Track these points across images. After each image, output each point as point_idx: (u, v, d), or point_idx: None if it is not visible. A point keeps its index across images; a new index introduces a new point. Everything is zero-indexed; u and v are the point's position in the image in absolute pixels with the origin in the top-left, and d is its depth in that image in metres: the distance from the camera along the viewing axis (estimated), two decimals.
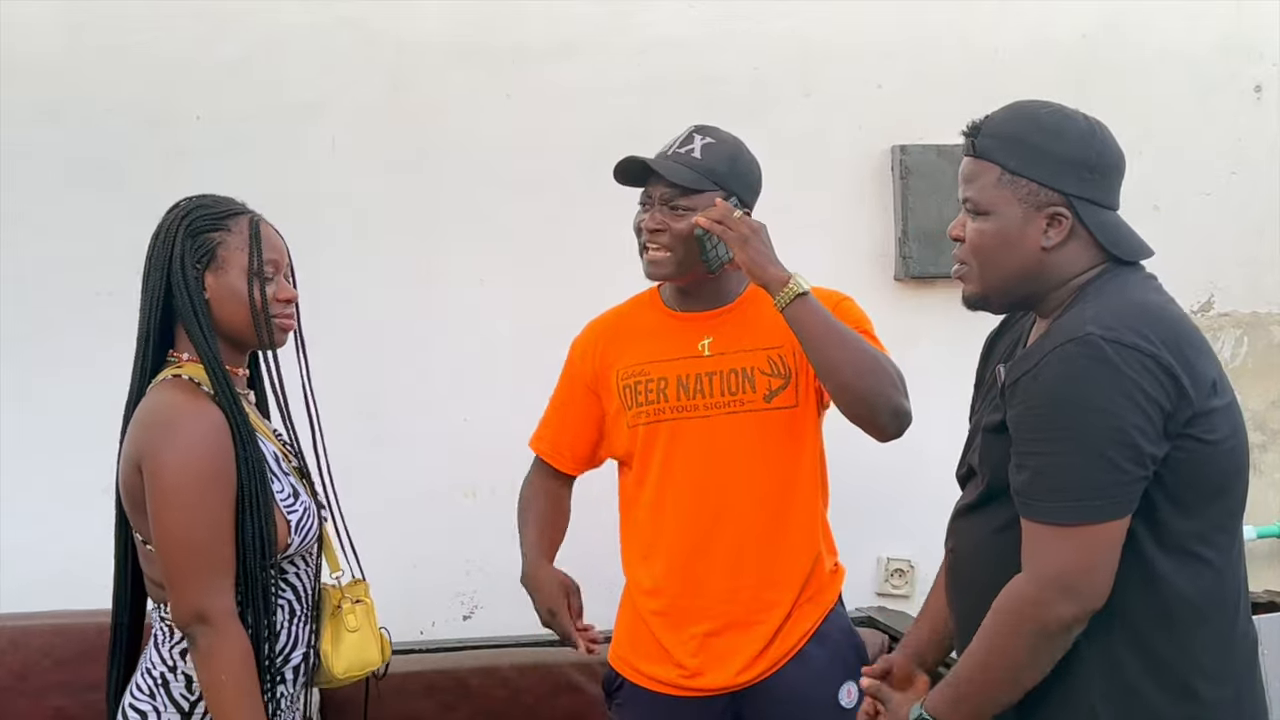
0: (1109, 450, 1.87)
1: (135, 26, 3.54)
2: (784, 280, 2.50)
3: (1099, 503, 1.89)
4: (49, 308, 3.49)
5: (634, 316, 2.80)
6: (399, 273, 3.63)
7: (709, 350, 2.67)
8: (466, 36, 3.68)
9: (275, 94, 3.59)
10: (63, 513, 3.41)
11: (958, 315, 3.86)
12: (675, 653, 2.66)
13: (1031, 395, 1.94)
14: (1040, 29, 3.90)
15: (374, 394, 3.55)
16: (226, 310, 2.28)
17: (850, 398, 2.54)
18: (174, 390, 2.22)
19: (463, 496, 3.60)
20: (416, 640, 3.43)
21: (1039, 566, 1.93)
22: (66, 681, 3.10)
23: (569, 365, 2.85)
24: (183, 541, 2.14)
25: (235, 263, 2.28)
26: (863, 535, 3.69)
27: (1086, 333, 1.90)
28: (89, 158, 3.51)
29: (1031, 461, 1.94)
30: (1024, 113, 2.12)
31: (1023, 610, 1.93)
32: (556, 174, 3.68)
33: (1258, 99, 3.99)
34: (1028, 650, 1.94)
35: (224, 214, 2.31)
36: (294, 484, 2.31)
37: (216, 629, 2.14)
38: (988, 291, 2.13)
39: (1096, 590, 1.91)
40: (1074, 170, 2.03)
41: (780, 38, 3.80)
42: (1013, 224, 2.05)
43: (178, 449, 2.15)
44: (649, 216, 2.64)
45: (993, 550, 2.07)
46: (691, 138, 2.67)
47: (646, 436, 2.67)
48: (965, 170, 2.14)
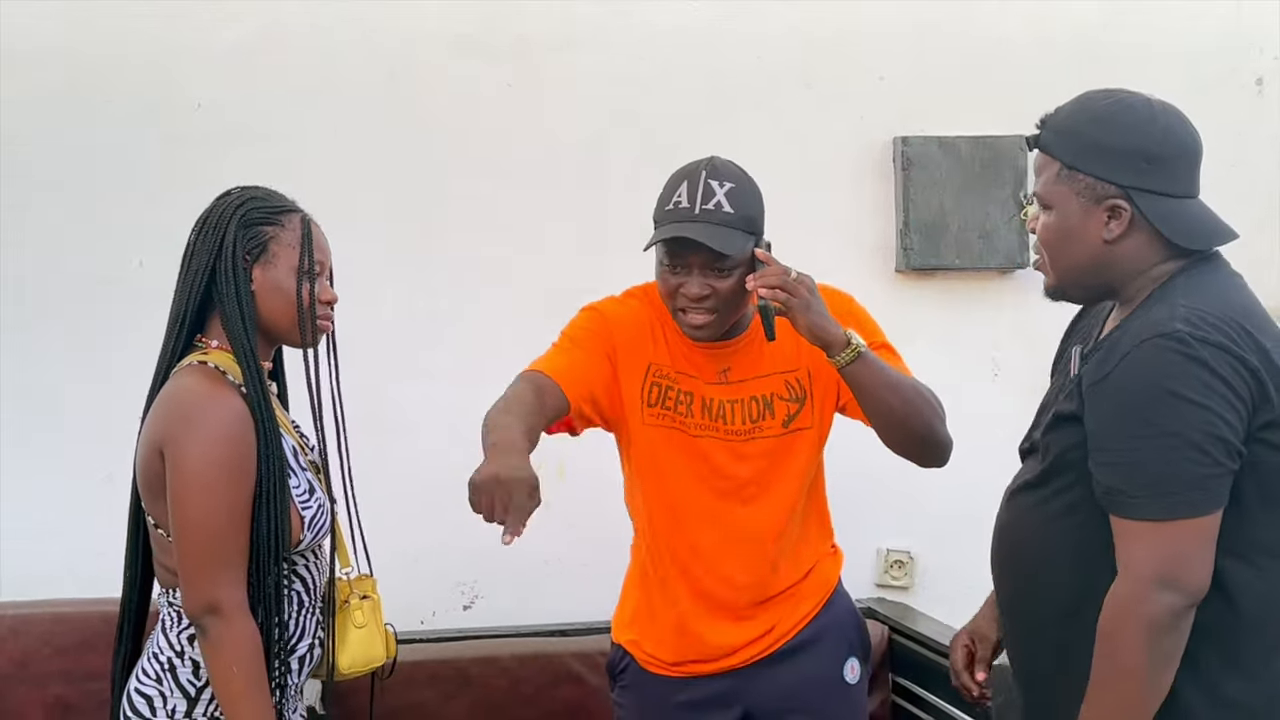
0: (1204, 443, 1.88)
1: (136, 13, 3.53)
2: (845, 341, 2.44)
3: (1196, 496, 1.90)
4: (48, 297, 3.48)
5: (658, 318, 2.66)
6: (400, 263, 3.63)
7: (728, 379, 2.64)
8: (467, 26, 3.67)
9: (276, 83, 3.59)
10: (62, 502, 3.41)
11: (958, 307, 3.89)
12: (683, 634, 2.67)
13: (1119, 390, 1.95)
14: (1041, 21, 3.89)
15: (373, 383, 3.54)
16: (269, 304, 2.29)
17: (903, 439, 2.57)
18: (199, 377, 2.23)
19: (463, 487, 3.57)
20: (417, 630, 3.42)
21: (1136, 565, 1.92)
22: (67, 670, 3.10)
23: (595, 324, 2.65)
24: (200, 530, 2.15)
25: (285, 259, 2.29)
26: (863, 527, 3.69)
27: (1175, 330, 1.91)
28: (89, 146, 3.51)
29: (1124, 458, 1.94)
30: (1084, 104, 2.11)
31: (1127, 612, 1.92)
32: (557, 164, 3.68)
33: (1259, 92, 3.99)
34: (1146, 652, 1.91)
35: (278, 209, 2.32)
36: (310, 479, 2.33)
37: (227, 620, 2.14)
38: (1061, 283, 2.14)
39: (1197, 580, 1.91)
40: (1130, 161, 2.02)
41: (782, 29, 3.79)
42: (1074, 218, 2.06)
43: (201, 437, 2.16)
44: (690, 283, 2.51)
45: (1044, 529, 2.10)
46: (710, 187, 2.50)
47: (659, 440, 2.64)
48: (1035, 164, 2.16)
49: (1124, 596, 1.92)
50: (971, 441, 3.73)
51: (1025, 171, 3.78)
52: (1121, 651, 1.92)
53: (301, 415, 2.44)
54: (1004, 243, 3.79)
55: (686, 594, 2.67)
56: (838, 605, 2.76)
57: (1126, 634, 1.91)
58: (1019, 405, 3.67)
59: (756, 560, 2.65)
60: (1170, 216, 2.03)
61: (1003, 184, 3.78)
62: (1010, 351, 3.82)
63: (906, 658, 3.41)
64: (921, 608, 3.66)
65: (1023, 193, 3.77)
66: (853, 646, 2.77)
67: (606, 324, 2.65)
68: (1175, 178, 2.05)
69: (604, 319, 2.66)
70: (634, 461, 2.70)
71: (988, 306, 3.84)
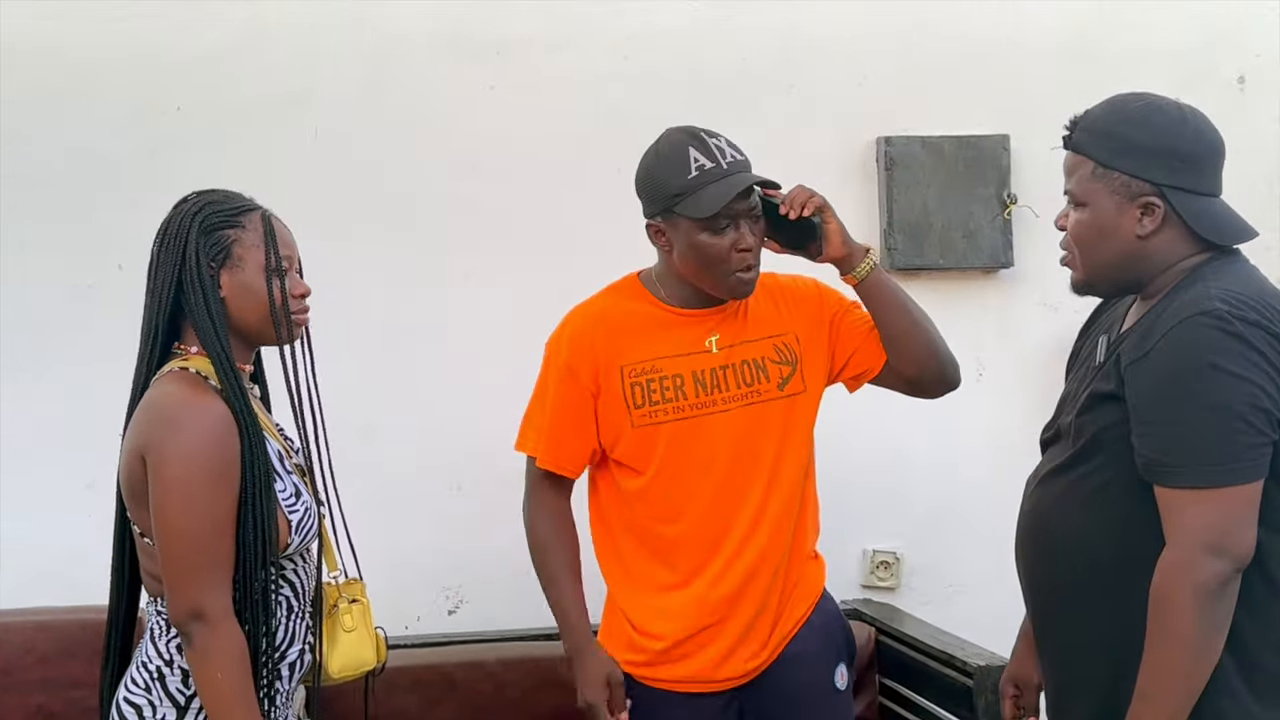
0: (1248, 414, 1.96)
1: (116, 15, 3.51)
2: (865, 249, 2.62)
3: (1240, 465, 1.97)
4: (32, 302, 3.46)
5: (626, 310, 2.70)
6: (383, 266, 3.61)
7: (716, 346, 2.65)
8: (450, 27, 3.66)
9: (258, 85, 3.57)
10: (47, 510, 3.39)
11: (942, 307, 3.88)
12: (696, 648, 2.65)
13: (1162, 365, 2.02)
14: (1024, 21, 3.89)
15: (358, 387, 3.53)
16: (241, 307, 2.27)
17: (929, 354, 2.66)
18: (180, 383, 2.21)
19: (448, 491, 3.58)
20: (402, 635, 3.41)
21: (1184, 533, 1.99)
22: (49, 678, 3.08)
23: (559, 364, 2.67)
24: (184, 536, 2.13)
25: (251, 260, 2.27)
26: (849, 528, 3.69)
27: (1214, 308, 1.99)
28: (68, 148, 3.49)
29: (1166, 430, 2.01)
30: (1116, 106, 2.20)
31: (1177, 579, 1.98)
32: (541, 166, 3.66)
33: (1240, 90, 3.99)
34: (1196, 617, 1.97)
35: (237, 210, 2.29)
36: (296, 483, 2.30)
37: (212, 627, 2.12)
38: (1091, 278, 2.23)
39: (1244, 547, 1.98)
40: (1163, 160, 2.12)
41: (765, 30, 3.79)
42: (1108, 214, 2.15)
43: (183, 442, 2.14)
44: (740, 236, 2.54)
45: (1080, 508, 2.16)
46: (718, 144, 2.56)
47: (663, 436, 2.62)
48: (1066, 164, 2.23)
49: (1174, 564, 1.99)
50: (957, 441, 3.76)
51: (1009, 171, 3.79)
52: (1173, 618, 1.98)
53: (286, 419, 2.42)
54: (988, 242, 3.79)
55: (692, 609, 2.64)
56: (825, 610, 2.76)
57: (1178, 600, 1.97)
58: (1003, 405, 3.71)
59: (771, 553, 2.64)
60: (1201, 213, 2.13)
61: (986, 183, 3.79)
62: (994, 351, 3.82)
63: (893, 659, 3.41)
64: (908, 609, 3.66)
65: (1006, 192, 3.77)
66: (841, 653, 2.77)
67: (569, 369, 2.66)
68: (1204, 176, 2.16)
69: (565, 364, 2.66)
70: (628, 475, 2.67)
71: (972, 306, 3.84)
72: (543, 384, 2.72)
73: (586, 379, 2.64)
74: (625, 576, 2.72)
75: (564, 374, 2.66)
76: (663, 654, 2.66)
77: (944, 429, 3.69)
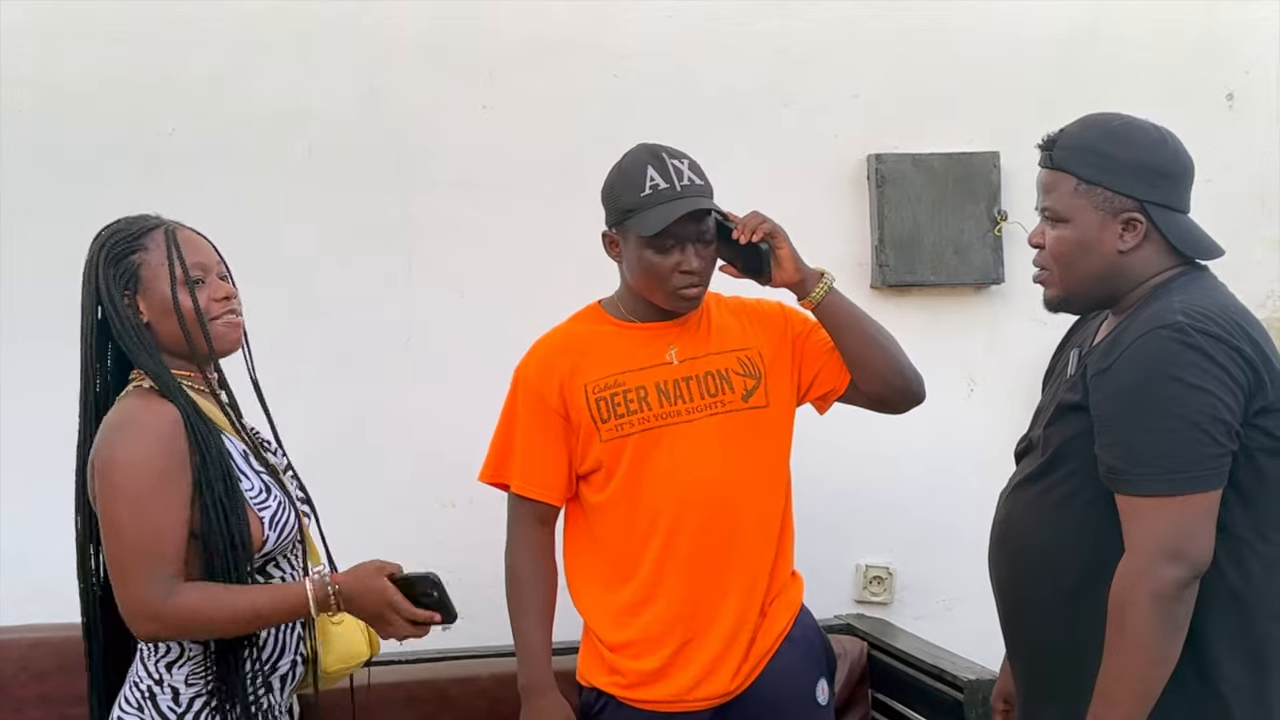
0: (1205, 424, 1.99)
1: (110, 37, 3.53)
2: (819, 274, 2.65)
3: (1199, 473, 2.00)
4: (21, 318, 3.47)
5: (585, 331, 2.76)
6: (376, 283, 3.63)
7: (677, 359, 2.68)
8: (443, 47, 3.68)
9: (251, 104, 3.58)
10: (41, 524, 3.38)
11: (933, 324, 3.91)
12: (671, 667, 2.65)
13: (1124, 376, 2.06)
14: (1015, 38, 3.92)
15: (352, 404, 3.54)
16: (164, 327, 2.26)
17: (889, 372, 2.68)
18: (133, 397, 2.23)
19: (441, 507, 3.59)
20: (396, 651, 3.40)
21: (1143, 539, 2.02)
22: (45, 695, 3.08)
23: (526, 391, 2.73)
24: (129, 535, 2.11)
25: (160, 279, 2.26)
26: (841, 543, 3.71)
27: (1176, 321, 2.03)
28: (62, 170, 3.50)
29: (1126, 438, 2.05)
30: (1096, 124, 2.23)
31: (1135, 584, 2.01)
32: (534, 183, 3.68)
33: (1229, 106, 4.02)
34: (1154, 622, 2.00)
35: (138, 233, 2.29)
36: (266, 480, 2.28)
37: (171, 607, 2.10)
38: (1068, 294, 2.25)
39: (1200, 554, 2.01)
40: (1145, 177, 2.16)
41: (757, 47, 3.81)
42: (1090, 230, 2.18)
43: (126, 444, 2.15)
44: (686, 258, 2.61)
45: (1048, 516, 2.20)
46: (676, 166, 2.62)
47: (629, 447, 2.65)
48: (1043, 181, 2.25)
49: (1132, 570, 2.02)
50: (948, 456, 3.77)
51: (999, 187, 3.80)
52: (1131, 622, 2.01)
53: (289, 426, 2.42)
54: (979, 258, 3.80)
55: (661, 624, 2.65)
56: (804, 625, 2.77)
57: (1136, 605, 2.01)
58: (995, 420, 3.72)
59: (734, 565, 2.64)
60: (1180, 229, 2.18)
61: (977, 200, 3.80)
62: (985, 367, 3.84)
63: (886, 674, 3.41)
64: (901, 623, 3.67)
65: (996, 208, 3.79)
66: (821, 668, 2.78)
67: (537, 395, 2.71)
68: (1181, 194, 2.20)
69: (531, 391, 2.72)
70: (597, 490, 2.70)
71: (963, 322, 3.85)
72: (509, 412, 2.76)
73: (554, 400, 2.69)
74: (594, 598, 2.74)
75: (530, 398, 2.71)
76: (641, 674, 2.66)
77: (936, 443, 3.70)
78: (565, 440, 2.70)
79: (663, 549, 2.65)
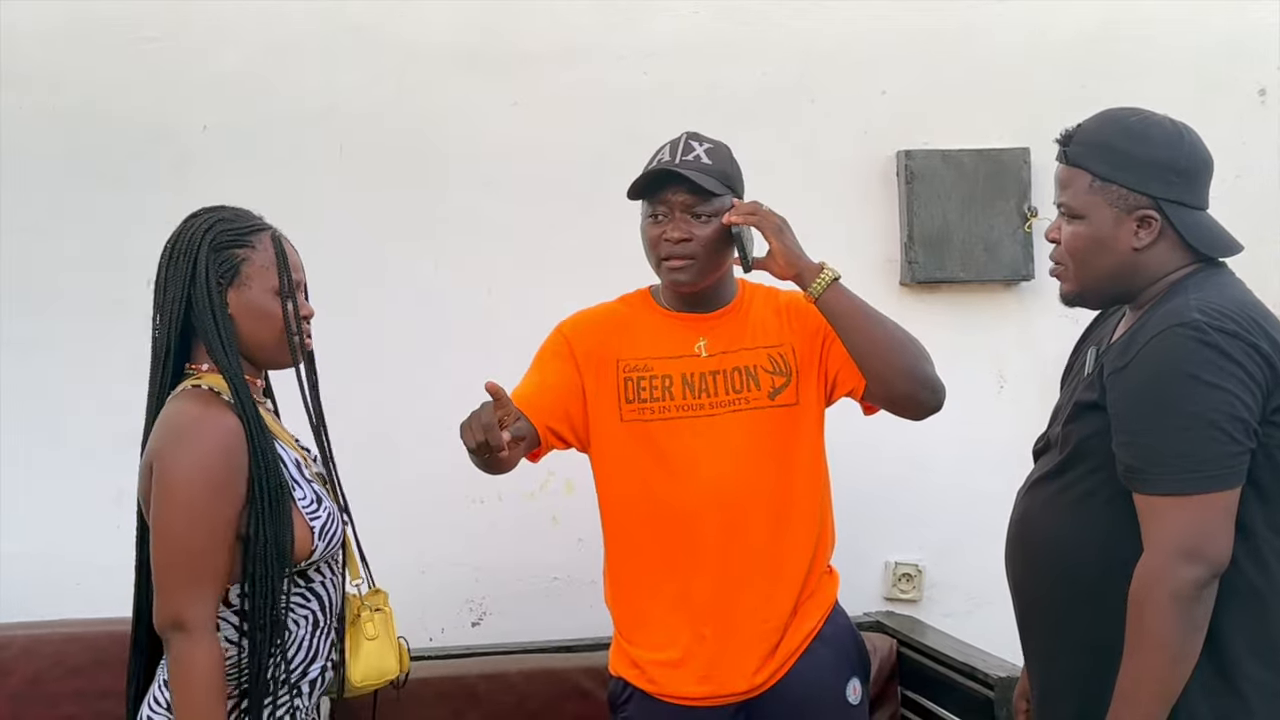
0: (1223, 422, 1.98)
1: (141, 36, 3.56)
2: (818, 267, 2.59)
3: (1216, 472, 1.99)
4: (57, 315, 3.50)
5: (629, 312, 2.79)
6: (406, 280, 3.65)
7: (705, 351, 2.69)
8: (472, 44, 3.69)
9: (282, 102, 3.61)
10: (72, 521, 3.43)
11: (963, 321, 3.89)
12: (689, 660, 2.65)
13: (1141, 375, 2.05)
14: (1043, 33, 3.90)
15: (382, 401, 3.56)
16: (249, 327, 2.27)
17: (893, 375, 2.60)
18: (192, 399, 2.22)
19: (471, 503, 3.60)
20: (426, 647, 3.43)
21: (1160, 538, 2.02)
22: (79, 689, 3.11)
23: (556, 335, 2.78)
24: (178, 544, 2.12)
25: (259, 280, 2.27)
26: (871, 540, 3.70)
27: (1193, 319, 2.02)
28: (96, 167, 3.53)
29: (1144, 438, 2.04)
30: (1112, 120, 2.22)
31: (1154, 584, 2.01)
32: (563, 181, 3.69)
33: (1262, 102, 3.99)
34: (1173, 622, 2.00)
35: (247, 230, 2.29)
36: (317, 490, 2.30)
37: (192, 640, 2.11)
38: (1083, 290, 2.25)
39: (1219, 552, 2.00)
40: (1161, 174, 2.14)
41: (785, 44, 3.81)
42: (1105, 226, 2.17)
43: (188, 452, 2.14)
44: (670, 227, 2.62)
45: (1065, 514, 2.20)
46: (690, 145, 2.66)
47: (647, 434, 2.66)
48: (1060, 176, 2.25)
49: (1151, 569, 2.01)
50: (978, 452, 3.76)
51: (1029, 184, 3.79)
52: (1150, 622, 2.01)
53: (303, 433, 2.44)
54: (1008, 255, 3.79)
55: (683, 613, 2.65)
56: (837, 624, 2.75)
57: (1155, 605, 2.00)
58: (1025, 417, 3.68)
59: (753, 560, 2.63)
60: (1195, 227, 2.16)
61: (1006, 196, 3.79)
62: (1015, 364, 3.83)
63: (915, 671, 3.41)
64: (930, 621, 3.66)
65: (1026, 205, 3.78)
66: (854, 666, 2.75)
67: (565, 339, 2.75)
68: (1198, 191, 2.19)
69: (562, 336, 2.77)
70: (615, 475, 2.70)
71: (992, 319, 3.84)
72: (537, 357, 2.79)
73: (581, 357, 2.71)
74: (613, 590, 2.75)
75: (559, 345, 2.76)
76: (659, 667, 2.66)
77: (965, 440, 3.69)
78: (574, 392, 2.70)
79: (677, 542, 2.64)
